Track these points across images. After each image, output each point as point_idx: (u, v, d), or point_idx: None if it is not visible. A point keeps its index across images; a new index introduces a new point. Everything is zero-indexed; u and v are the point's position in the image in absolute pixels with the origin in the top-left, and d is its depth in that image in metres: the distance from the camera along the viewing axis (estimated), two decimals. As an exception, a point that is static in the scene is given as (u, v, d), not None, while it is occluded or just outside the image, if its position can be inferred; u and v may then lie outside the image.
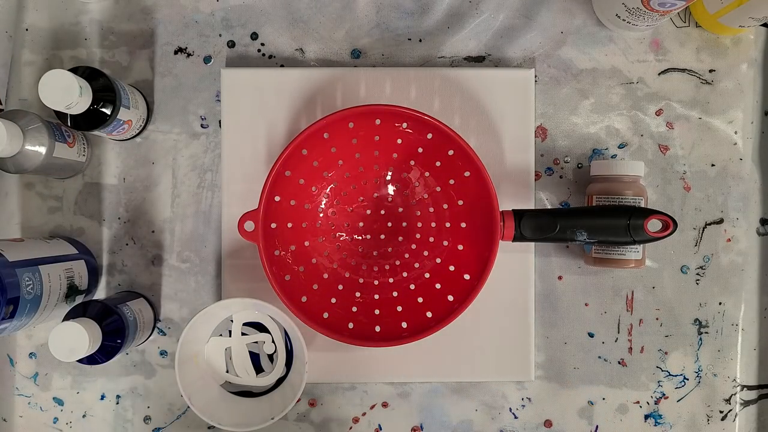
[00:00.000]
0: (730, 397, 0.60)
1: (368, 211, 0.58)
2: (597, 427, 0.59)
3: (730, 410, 0.60)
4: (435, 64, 0.60)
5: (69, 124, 0.51)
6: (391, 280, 0.57)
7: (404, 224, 0.58)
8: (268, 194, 0.52)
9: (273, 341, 0.58)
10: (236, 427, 0.53)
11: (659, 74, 0.60)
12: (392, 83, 0.58)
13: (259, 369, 0.59)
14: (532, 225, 0.51)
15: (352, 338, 0.52)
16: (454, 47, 0.60)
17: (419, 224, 0.58)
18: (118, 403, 0.59)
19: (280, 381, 0.58)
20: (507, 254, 0.57)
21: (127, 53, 0.60)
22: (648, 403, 0.59)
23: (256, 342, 0.58)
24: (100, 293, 0.59)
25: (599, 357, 0.59)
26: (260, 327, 0.59)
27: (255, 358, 0.59)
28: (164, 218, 0.59)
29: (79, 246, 0.57)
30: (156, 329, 0.59)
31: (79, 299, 0.55)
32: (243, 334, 0.58)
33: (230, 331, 0.58)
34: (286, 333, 0.58)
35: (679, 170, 0.60)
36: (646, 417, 0.59)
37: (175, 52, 0.60)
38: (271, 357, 0.59)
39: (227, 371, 0.58)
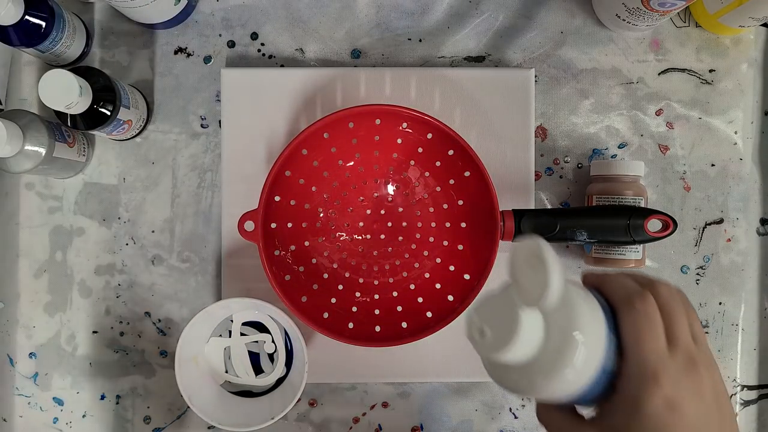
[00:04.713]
0: (730, 397, 0.60)
1: (368, 211, 0.58)
2: (597, 427, 0.59)
3: (730, 410, 0.60)
4: (435, 64, 0.60)
5: (69, 124, 0.51)
6: (391, 280, 0.57)
7: (404, 224, 0.58)
8: (268, 194, 0.52)
9: (273, 341, 0.58)
10: (236, 427, 0.53)
11: (659, 74, 0.60)
12: (392, 83, 0.58)
13: (259, 369, 0.59)
14: (532, 225, 0.51)
15: (352, 338, 0.52)
16: (454, 47, 0.60)
17: (419, 224, 0.58)
18: (118, 403, 0.59)
19: (280, 381, 0.58)
20: (507, 254, 0.57)
21: (127, 53, 0.60)
22: (648, 403, 0.59)
23: (256, 342, 0.58)
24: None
25: (599, 357, 0.59)
26: (260, 327, 0.59)
27: (255, 358, 0.59)
28: (164, 218, 0.59)
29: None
30: (157, 329, 0.59)
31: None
32: (243, 334, 0.58)
33: (230, 331, 0.58)
34: (286, 333, 0.58)
35: (679, 170, 0.60)
36: (646, 417, 0.59)
37: (175, 52, 0.60)
38: (271, 357, 0.59)
39: (227, 371, 0.58)
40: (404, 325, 0.53)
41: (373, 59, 0.60)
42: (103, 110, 0.51)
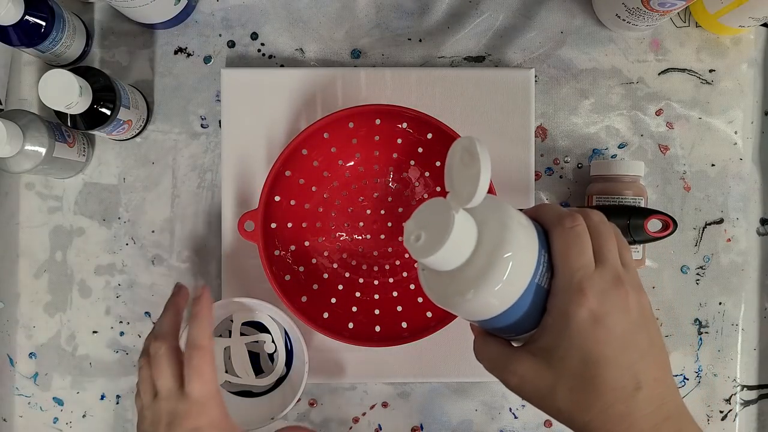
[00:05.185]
0: (730, 397, 0.60)
1: (368, 211, 0.58)
2: (597, 427, 0.59)
3: (730, 410, 0.60)
4: (435, 64, 0.60)
5: (69, 124, 0.51)
6: (391, 280, 0.57)
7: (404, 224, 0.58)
8: (268, 194, 0.52)
9: (273, 341, 0.58)
10: (236, 427, 0.53)
11: (659, 74, 0.60)
12: (392, 83, 0.58)
13: (258, 369, 0.59)
14: (532, 225, 0.51)
15: (352, 338, 0.52)
16: (454, 47, 0.60)
17: (419, 224, 0.58)
18: (118, 403, 0.59)
19: (280, 381, 0.58)
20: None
21: (127, 53, 0.60)
22: (648, 403, 0.59)
23: (256, 342, 0.58)
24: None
25: (599, 357, 0.59)
26: (260, 327, 0.59)
27: (255, 358, 0.59)
28: (164, 218, 0.59)
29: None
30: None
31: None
32: (243, 334, 0.58)
33: (230, 331, 0.58)
34: (286, 333, 0.58)
35: (679, 170, 0.60)
36: (646, 417, 0.59)
37: (175, 52, 0.60)
38: (271, 357, 0.59)
39: (227, 371, 0.58)
40: (404, 325, 0.53)
41: (373, 59, 0.60)
42: (103, 110, 0.51)
